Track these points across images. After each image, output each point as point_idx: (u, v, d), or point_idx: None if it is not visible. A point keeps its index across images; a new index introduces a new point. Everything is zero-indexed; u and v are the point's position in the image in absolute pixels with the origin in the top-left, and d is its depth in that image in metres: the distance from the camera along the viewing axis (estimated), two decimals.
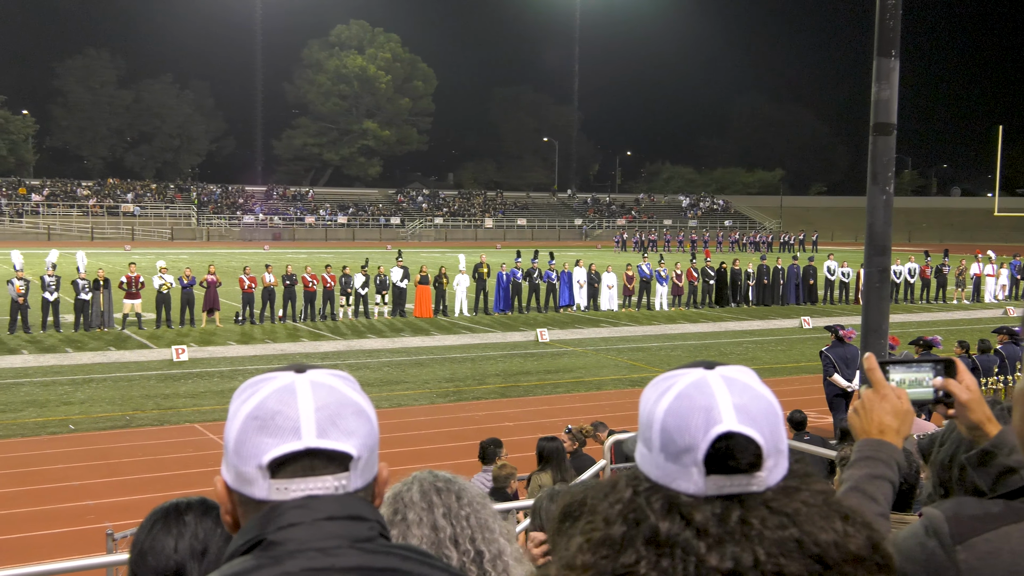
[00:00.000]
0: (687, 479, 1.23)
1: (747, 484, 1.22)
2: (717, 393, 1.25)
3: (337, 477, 1.26)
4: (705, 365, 1.31)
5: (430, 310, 28.52)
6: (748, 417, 1.23)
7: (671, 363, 21.31)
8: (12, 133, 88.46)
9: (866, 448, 1.84)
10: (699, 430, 1.22)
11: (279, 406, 1.25)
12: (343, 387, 1.31)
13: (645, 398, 1.32)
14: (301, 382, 1.28)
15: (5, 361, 20.04)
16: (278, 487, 1.24)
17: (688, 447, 1.23)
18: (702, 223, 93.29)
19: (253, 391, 1.29)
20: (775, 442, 1.24)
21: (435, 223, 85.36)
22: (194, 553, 2.13)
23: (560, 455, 8.61)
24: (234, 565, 1.22)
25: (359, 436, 1.28)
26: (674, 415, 1.25)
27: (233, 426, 1.27)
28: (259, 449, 1.24)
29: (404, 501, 2.11)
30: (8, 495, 11.46)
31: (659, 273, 31.84)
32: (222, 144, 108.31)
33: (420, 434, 14.51)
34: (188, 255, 52.45)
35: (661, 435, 1.25)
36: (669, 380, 1.30)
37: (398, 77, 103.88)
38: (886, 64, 6.81)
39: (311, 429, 1.24)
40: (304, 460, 1.24)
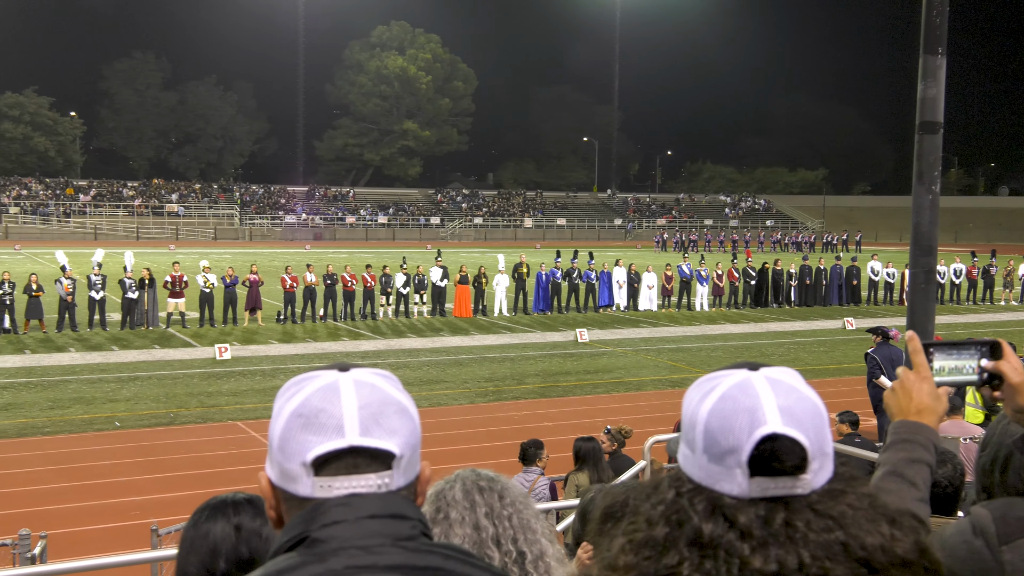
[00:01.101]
0: (731, 481, 1.22)
1: (792, 487, 1.21)
2: (762, 394, 1.24)
3: (380, 475, 1.27)
4: (749, 366, 1.30)
5: (469, 310, 28.58)
6: (793, 419, 1.22)
7: (712, 364, 21.18)
8: (60, 134, 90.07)
9: (903, 430, 1.81)
10: (743, 432, 1.22)
11: (323, 404, 1.26)
12: (386, 386, 1.32)
13: (688, 399, 1.31)
14: (344, 380, 1.30)
15: (53, 359, 20.40)
16: (321, 484, 1.25)
17: (732, 449, 1.22)
18: (743, 223, 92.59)
19: (297, 389, 1.30)
20: (820, 444, 1.24)
21: (474, 223, 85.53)
22: (240, 549, 2.16)
23: (597, 455, 8.59)
24: (278, 562, 1.23)
25: (402, 435, 1.28)
26: (718, 416, 1.24)
27: (278, 424, 1.29)
28: (303, 447, 1.25)
29: (447, 499, 2.11)
30: (56, 490, 11.66)
31: (700, 273, 31.63)
32: (265, 145, 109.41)
33: (459, 433, 14.55)
34: (231, 255, 53.04)
35: (704, 436, 1.25)
36: (713, 381, 1.29)
37: (438, 78, 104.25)
38: (933, 61, 6.71)
39: (354, 427, 1.25)
40: (347, 458, 1.25)
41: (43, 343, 22.30)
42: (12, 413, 15.45)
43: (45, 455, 13.17)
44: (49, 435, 14.22)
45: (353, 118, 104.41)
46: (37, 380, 18.13)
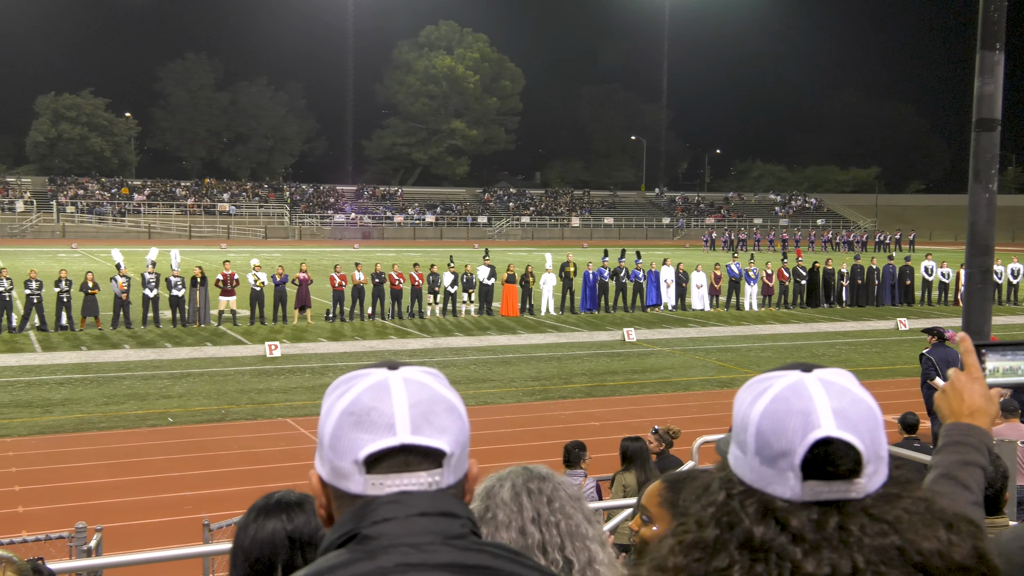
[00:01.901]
0: (783, 484, 1.21)
1: (846, 491, 1.20)
2: (815, 397, 1.22)
3: (431, 473, 1.27)
4: (802, 367, 1.29)
5: (517, 309, 28.61)
6: (847, 422, 1.21)
7: (761, 364, 20.97)
8: (116, 135, 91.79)
9: (956, 432, 1.77)
10: (796, 434, 1.20)
11: (374, 402, 1.27)
12: (435, 384, 1.33)
13: (740, 400, 1.30)
14: (395, 379, 1.31)
15: (108, 355, 20.80)
16: (373, 482, 1.26)
17: (784, 451, 1.21)
18: (793, 222, 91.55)
19: (347, 387, 1.31)
20: (875, 448, 1.22)
21: (522, 222, 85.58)
22: (293, 545, 2.18)
23: (644, 455, 8.54)
24: (329, 559, 1.24)
25: (451, 433, 1.29)
26: (770, 418, 1.23)
27: (329, 422, 1.30)
28: (355, 444, 1.26)
29: (495, 500, 2.09)
30: (111, 484, 11.89)
31: (748, 273, 31.34)
32: (314, 144, 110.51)
33: (506, 432, 14.57)
34: (281, 253, 53.66)
35: (756, 438, 1.24)
36: (765, 382, 1.28)
37: (486, 77, 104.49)
38: (990, 57, 6.58)
39: (406, 425, 1.26)
40: (399, 456, 1.26)
41: (99, 340, 22.75)
42: (69, 408, 15.79)
43: (100, 450, 13.43)
44: (104, 430, 14.50)
45: (401, 117, 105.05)
46: (93, 376, 18.50)
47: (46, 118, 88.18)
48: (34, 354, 20.79)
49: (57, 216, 71.93)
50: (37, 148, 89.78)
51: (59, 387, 17.44)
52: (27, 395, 16.70)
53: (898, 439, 10.10)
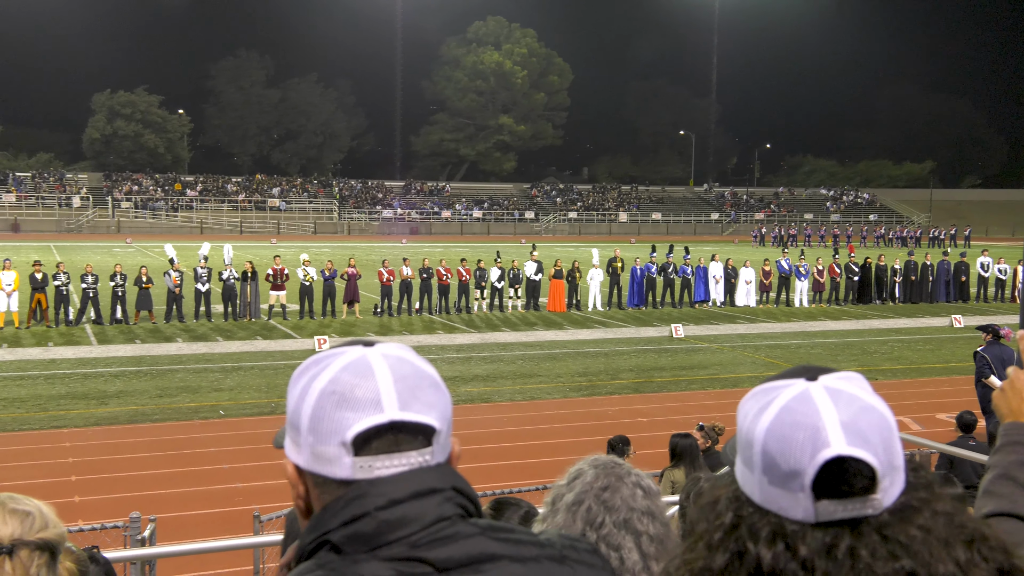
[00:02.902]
0: (794, 505, 1.14)
1: (861, 508, 1.13)
2: (822, 410, 1.15)
3: (421, 452, 1.21)
4: (808, 375, 1.21)
5: (563, 304, 28.57)
6: (858, 437, 1.13)
7: (811, 361, 20.68)
8: (169, 132, 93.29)
9: (1015, 432, 1.71)
10: (805, 454, 1.13)
11: (357, 379, 1.20)
12: (415, 360, 1.26)
13: (743, 412, 1.22)
14: (373, 355, 1.23)
15: (162, 348, 21.15)
16: (362, 465, 1.19)
17: (794, 472, 1.13)
18: (845, 217, 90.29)
19: (322, 366, 1.24)
20: (890, 459, 1.14)
21: (569, 217, 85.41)
22: None
23: (694, 452, 8.49)
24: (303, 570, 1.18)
25: (438, 408, 1.23)
26: (776, 437, 1.15)
27: (306, 403, 1.22)
28: (340, 425, 1.18)
29: (563, 498, 2.07)
30: (164, 475, 12.09)
31: (799, 268, 30.97)
32: (363, 140, 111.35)
33: (552, 428, 14.56)
34: (330, 248, 54.13)
35: (763, 458, 1.16)
36: (769, 393, 1.21)
37: (534, 72, 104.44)
38: None
39: (393, 401, 1.19)
40: (388, 435, 1.19)
41: (152, 333, 23.14)
42: (123, 400, 16.09)
43: (154, 441, 13.67)
44: (158, 422, 14.75)
45: (449, 113, 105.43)
46: (147, 369, 18.83)
47: (102, 115, 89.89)
48: (90, 347, 21.21)
49: (112, 211, 73.29)
50: (93, 145, 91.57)
51: (114, 379, 17.77)
52: (83, 387, 17.05)
53: (953, 437, 9.92)
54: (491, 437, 13.56)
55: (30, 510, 1.86)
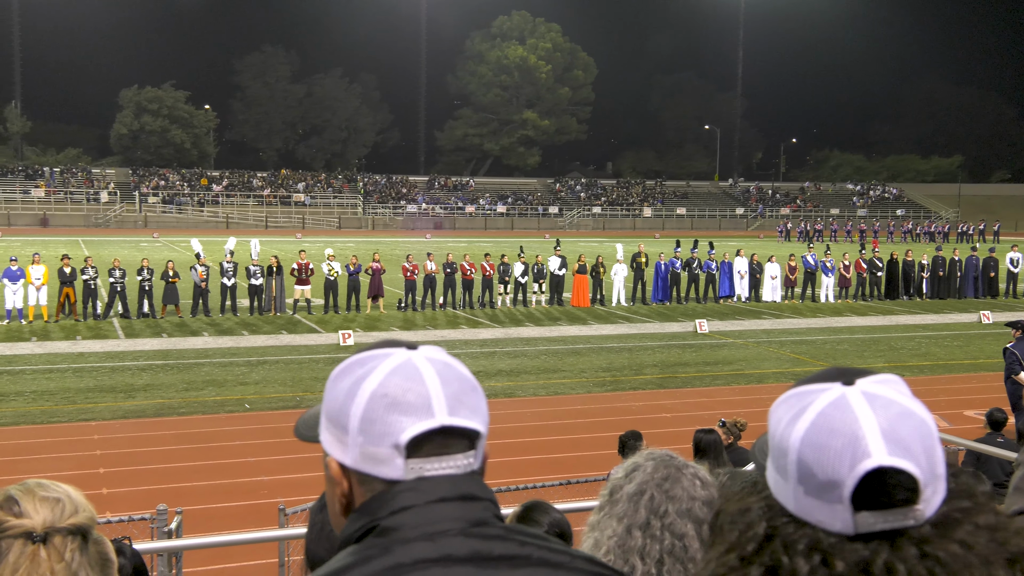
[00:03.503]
0: (831, 516, 1.10)
1: (903, 519, 1.08)
2: (861, 418, 1.09)
3: (466, 455, 1.25)
4: (844, 378, 1.15)
5: (587, 299, 28.53)
6: (900, 446, 1.08)
7: (837, 357, 20.59)
8: (195, 127, 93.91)
9: None
10: (844, 465, 1.08)
11: (408, 383, 1.23)
12: (457, 365, 1.30)
13: (776, 417, 1.18)
14: (420, 359, 1.27)
15: (188, 342, 21.32)
16: (413, 467, 1.22)
17: (832, 483, 1.08)
18: (872, 212, 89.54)
19: (369, 368, 1.26)
20: (932, 468, 1.10)
21: (593, 212, 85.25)
22: None
23: (718, 448, 8.46)
24: (345, 556, 1.21)
25: (481, 413, 1.27)
26: (812, 446, 1.10)
27: (355, 404, 1.24)
28: (392, 428, 1.22)
29: (624, 489, 2.09)
30: (191, 468, 12.20)
31: (825, 264, 30.77)
32: (387, 135, 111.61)
33: (576, 423, 14.55)
34: (354, 243, 54.32)
35: (798, 467, 1.11)
36: (804, 398, 1.15)
37: (558, 67, 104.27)
38: None
39: (443, 406, 1.23)
40: (438, 438, 1.23)
41: (179, 327, 23.33)
42: (150, 394, 16.23)
43: (180, 434, 13.79)
44: (184, 415, 14.88)
45: (473, 108, 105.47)
46: (173, 363, 18.98)
47: (129, 111, 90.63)
48: (117, 340, 21.41)
49: (139, 206, 73.91)
50: (121, 140, 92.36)
51: (141, 373, 17.94)
52: (111, 380, 17.22)
53: (982, 434, 9.83)
54: (514, 432, 13.58)
55: (60, 496, 1.88)
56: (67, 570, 1.81)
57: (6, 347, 20.25)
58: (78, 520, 1.87)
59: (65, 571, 1.81)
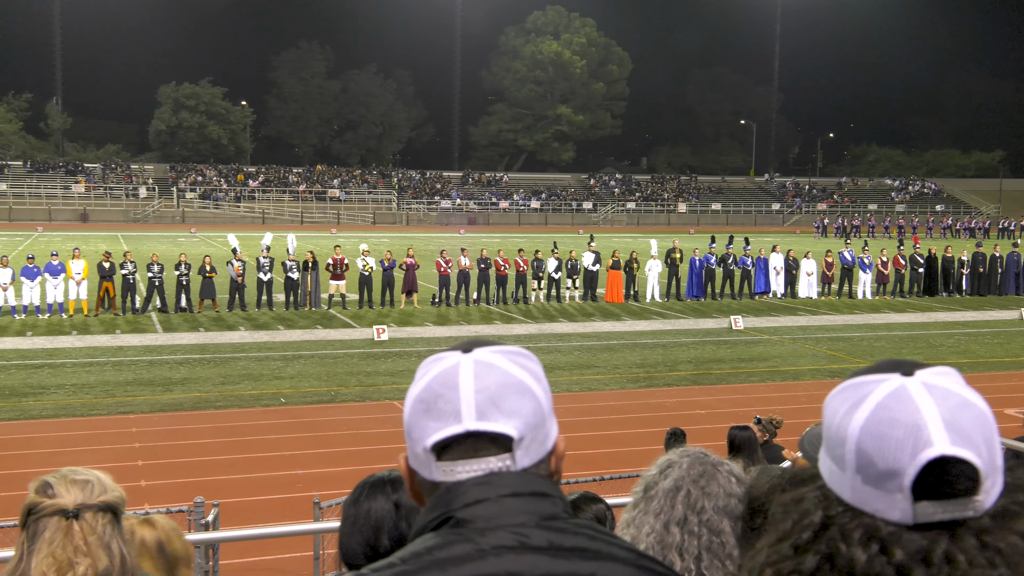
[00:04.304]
0: (890, 506, 1.09)
1: (963, 510, 1.08)
2: (923, 407, 1.09)
3: (500, 458, 1.27)
4: (902, 369, 1.15)
5: (621, 295, 28.45)
6: (962, 436, 1.08)
7: (874, 354, 20.36)
8: (232, 123, 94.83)
9: None
10: (905, 454, 1.08)
11: (442, 389, 1.28)
12: (508, 365, 1.31)
13: (832, 408, 1.17)
14: (465, 363, 1.30)
15: (225, 337, 21.53)
16: (444, 469, 1.27)
17: (892, 472, 1.08)
18: (911, 208, 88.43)
19: (424, 372, 1.33)
20: (992, 459, 1.09)
21: (627, 208, 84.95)
22: (400, 524, 2.24)
23: (753, 445, 8.41)
24: (426, 540, 1.25)
25: (521, 416, 1.28)
26: (872, 435, 1.10)
27: (406, 408, 1.32)
28: (424, 432, 1.28)
29: (660, 485, 2.10)
30: (226, 461, 12.33)
31: (862, 260, 30.43)
32: (421, 131, 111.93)
33: (610, 419, 14.52)
34: (389, 239, 54.56)
35: (857, 456, 1.11)
36: (862, 388, 1.15)
37: (593, 62, 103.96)
38: None
39: (471, 412, 1.26)
40: (466, 442, 1.27)
41: (215, 322, 23.57)
42: (188, 387, 16.42)
43: (217, 427, 13.94)
44: (220, 409, 15.03)
45: (507, 104, 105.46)
46: (210, 357, 19.18)
47: (167, 107, 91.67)
48: (155, 334, 21.68)
49: (177, 202, 74.74)
50: (159, 136, 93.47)
51: (179, 367, 18.15)
52: (149, 374, 17.44)
53: (1022, 433, 9.68)
54: None
55: (89, 478, 2.10)
56: (99, 542, 2.02)
57: (47, 341, 20.58)
58: (107, 498, 2.07)
59: (98, 543, 2.01)
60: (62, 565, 1.99)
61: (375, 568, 1.26)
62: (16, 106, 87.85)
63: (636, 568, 1.26)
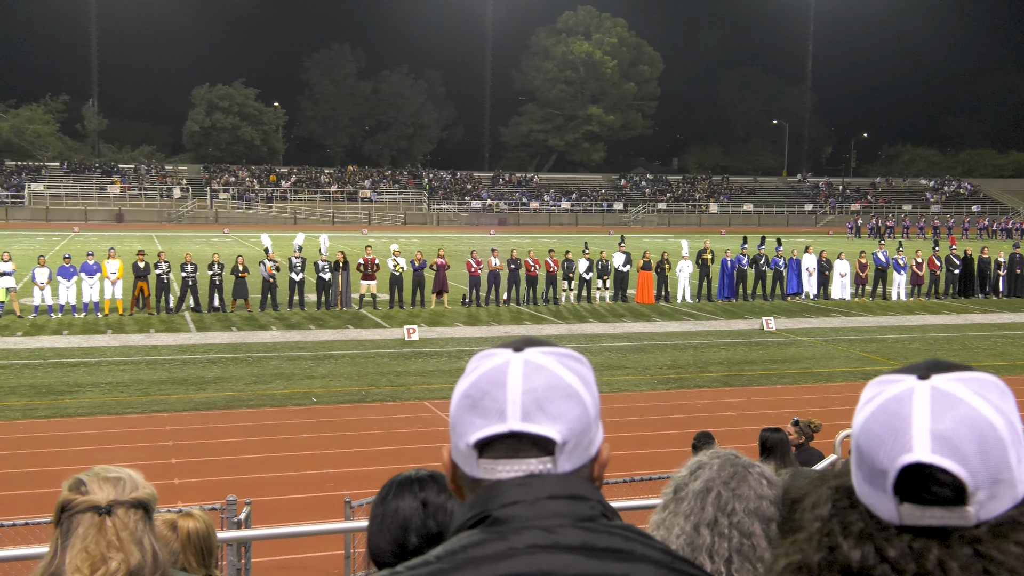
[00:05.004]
0: (882, 504, 1.12)
1: (948, 518, 1.08)
2: (915, 413, 1.10)
3: (541, 461, 1.27)
4: (922, 372, 1.16)
5: (652, 296, 28.34)
6: (947, 445, 1.08)
7: (908, 356, 20.14)
8: (265, 124, 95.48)
9: None
10: (888, 456, 1.10)
11: (489, 387, 1.28)
12: (558, 368, 1.31)
13: (860, 400, 1.21)
14: (515, 362, 1.30)
15: (257, 336, 21.70)
16: (485, 467, 1.28)
17: (880, 471, 1.11)
18: (946, 208, 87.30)
19: (474, 367, 1.33)
20: (990, 472, 1.07)
21: (658, 208, 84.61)
22: (428, 523, 2.24)
23: (784, 446, 8.34)
24: (462, 538, 1.26)
25: (566, 421, 1.27)
26: (867, 434, 1.14)
27: (452, 402, 1.32)
28: (468, 428, 1.28)
29: (690, 487, 2.08)
30: (258, 460, 12.42)
31: (897, 261, 30.11)
32: (452, 132, 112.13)
33: (640, 420, 14.47)
34: (419, 239, 54.72)
35: (856, 452, 1.16)
36: (879, 387, 1.18)
37: (624, 62, 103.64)
38: None
39: (516, 412, 1.26)
40: (509, 442, 1.27)
41: (248, 321, 23.75)
42: (220, 386, 16.56)
43: (249, 426, 14.04)
44: (253, 408, 15.15)
45: (538, 104, 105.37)
46: (242, 356, 19.34)
47: (201, 108, 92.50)
48: (189, 334, 21.88)
49: (210, 202, 75.41)
50: (193, 137, 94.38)
51: (211, 366, 18.31)
52: (182, 373, 17.61)
53: None
54: None
55: (121, 476, 2.16)
56: (132, 537, 2.07)
57: (83, 339, 20.84)
58: (139, 495, 2.13)
59: (130, 538, 2.07)
60: (95, 560, 2.03)
61: (410, 566, 1.26)
62: (53, 108, 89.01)
63: (670, 570, 1.25)
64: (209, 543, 3.74)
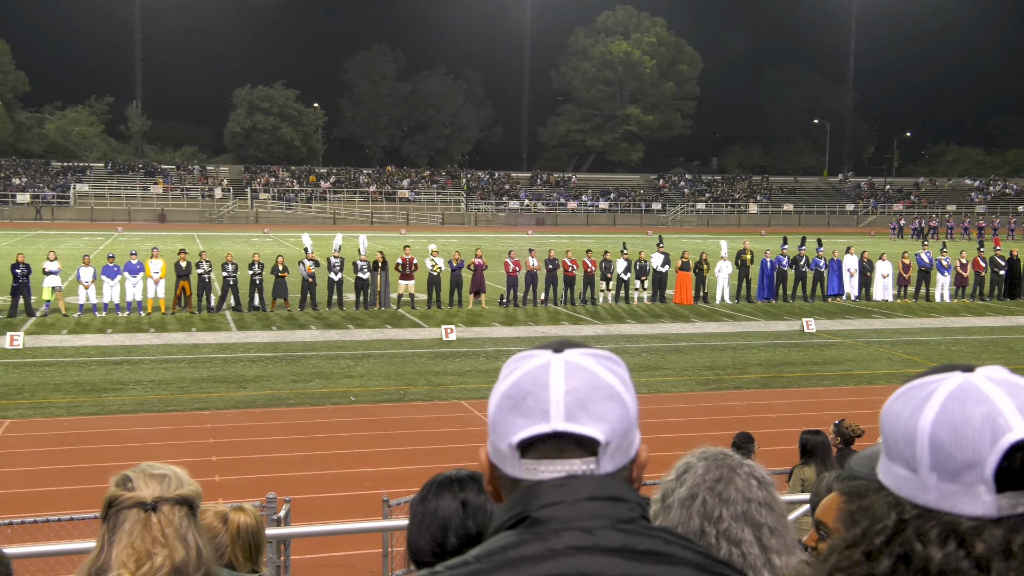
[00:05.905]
0: (972, 499, 1.08)
1: None
2: (995, 396, 1.09)
3: (585, 461, 1.27)
4: (960, 368, 1.16)
5: (690, 296, 28.18)
6: None
7: (953, 358, 19.84)
8: (304, 125, 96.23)
9: None
10: (984, 442, 1.07)
11: (532, 387, 1.28)
12: (599, 369, 1.31)
13: (895, 412, 1.17)
14: (556, 363, 1.30)
15: (296, 335, 21.88)
16: (527, 467, 1.27)
17: (972, 463, 1.07)
18: (991, 209, 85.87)
19: (513, 368, 1.32)
20: None
21: (697, 208, 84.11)
22: (468, 523, 2.25)
23: (825, 449, 8.27)
24: (500, 539, 1.26)
25: (609, 421, 1.27)
26: (947, 427, 1.09)
27: (492, 403, 1.31)
28: (510, 428, 1.27)
29: (675, 493, 2.02)
30: (298, 458, 12.52)
31: (940, 262, 29.67)
32: (490, 132, 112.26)
33: (678, 421, 14.40)
34: (457, 239, 54.85)
35: (932, 452, 1.10)
36: (925, 388, 1.15)
37: (663, 61, 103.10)
38: None
39: (560, 412, 1.26)
40: (552, 442, 1.26)
41: (287, 320, 23.96)
42: (260, 385, 16.73)
43: (288, 425, 14.17)
44: (292, 406, 15.28)
45: (576, 104, 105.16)
46: (282, 355, 19.51)
47: (242, 109, 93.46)
48: (230, 333, 22.12)
49: (251, 202, 76.16)
50: (234, 138, 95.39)
51: (252, 364, 18.49)
52: (223, 371, 17.81)
53: None
54: None
55: (167, 473, 2.20)
56: (176, 534, 2.11)
57: (126, 338, 21.15)
58: (184, 492, 2.17)
59: (175, 534, 2.11)
60: (141, 556, 2.06)
61: (449, 566, 1.26)
62: (98, 109, 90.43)
63: (710, 574, 1.25)
64: (258, 539, 3.78)
